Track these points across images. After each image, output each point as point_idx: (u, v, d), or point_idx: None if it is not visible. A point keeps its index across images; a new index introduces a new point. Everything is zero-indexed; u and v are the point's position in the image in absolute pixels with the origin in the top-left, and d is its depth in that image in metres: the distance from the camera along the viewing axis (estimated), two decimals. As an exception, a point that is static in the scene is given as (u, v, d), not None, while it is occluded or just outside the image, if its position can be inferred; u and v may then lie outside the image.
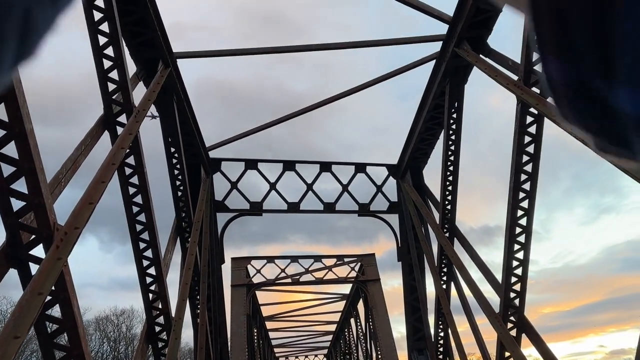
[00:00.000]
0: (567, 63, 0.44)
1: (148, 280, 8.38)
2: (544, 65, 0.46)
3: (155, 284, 8.49)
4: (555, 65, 0.44)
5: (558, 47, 0.44)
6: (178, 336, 8.78)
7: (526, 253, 9.08)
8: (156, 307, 8.63)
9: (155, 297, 8.56)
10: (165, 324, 8.75)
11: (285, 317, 27.89)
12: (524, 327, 9.20)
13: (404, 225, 14.27)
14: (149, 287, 8.42)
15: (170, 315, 8.74)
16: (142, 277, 8.31)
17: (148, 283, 8.39)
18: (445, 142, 11.20)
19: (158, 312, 8.66)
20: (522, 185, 8.78)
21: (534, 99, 7.87)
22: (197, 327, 10.55)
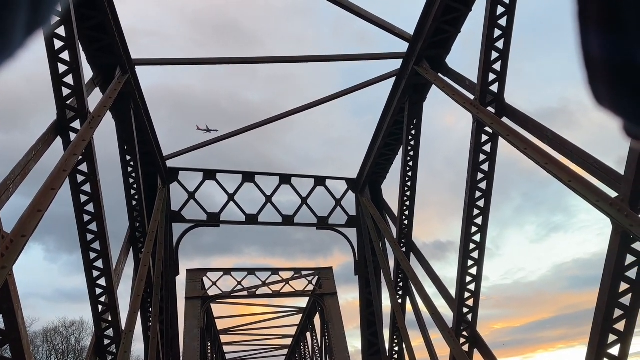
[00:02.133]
0: (614, 38, 0.40)
1: (98, 292, 8.14)
2: (583, 39, 0.42)
3: (105, 296, 8.25)
4: (597, 39, 0.41)
5: (603, 18, 0.40)
6: (128, 349, 8.55)
7: (479, 269, 9.24)
8: (105, 320, 8.39)
9: (105, 309, 8.32)
10: (115, 336, 8.52)
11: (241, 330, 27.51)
12: (476, 343, 9.33)
13: (362, 239, 14.34)
14: (99, 298, 8.17)
15: (120, 328, 8.50)
16: (91, 288, 8.07)
17: (98, 294, 8.14)
18: (404, 158, 11.35)
19: (107, 324, 8.42)
20: (477, 202, 8.95)
21: (489, 119, 8.07)
22: (148, 341, 10.29)
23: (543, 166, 6.84)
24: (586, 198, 6.21)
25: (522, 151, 7.26)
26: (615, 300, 6.14)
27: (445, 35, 9.50)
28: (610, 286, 6.04)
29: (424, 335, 11.19)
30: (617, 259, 5.94)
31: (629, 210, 5.65)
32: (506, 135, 7.66)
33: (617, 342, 6.29)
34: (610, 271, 6.03)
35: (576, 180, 6.43)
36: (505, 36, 8.01)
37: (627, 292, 6.14)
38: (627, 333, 6.25)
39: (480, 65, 8.26)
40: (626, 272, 6.06)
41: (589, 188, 6.26)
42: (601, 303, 6.16)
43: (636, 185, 5.66)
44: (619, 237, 5.86)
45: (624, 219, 5.67)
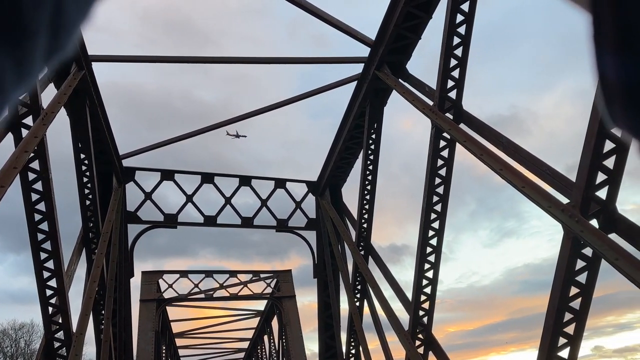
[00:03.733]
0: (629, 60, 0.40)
1: (48, 293, 7.89)
2: (600, 62, 0.42)
3: (56, 297, 8.00)
4: (612, 61, 0.41)
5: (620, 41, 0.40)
6: (79, 352, 8.31)
7: (435, 272, 9.37)
8: (56, 322, 8.14)
9: (56, 311, 8.07)
10: (66, 339, 8.27)
11: (197, 333, 27.13)
12: (431, 345, 9.45)
13: (321, 242, 14.34)
14: (49, 300, 7.92)
15: (71, 331, 8.26)
16: (41, 290, 7.81)
17: (48, 296, 7.89)
18: (364, 162, 11.42)
19: (58, 326, 8.17)
20: (434, 206, 9.08)
21: (447, 124, 8.20)
22: (100, 344, 10.03)
23: (498, 172, 6.99)
24: (538, 204, 6.38)
25: (479, 157, 7.40)
26: (565, 304, 6.32)
27: (406, 42, 9.61)
28: (561, 290, 6.21)
29: (380, 338, 11.27)
30: (567, 264, 6.11)
31: (579, 216, 5.83)
32: (463, 141, 7.80)
33: (567, 345, 6.46)
34: (561, 276, 6.20)
35: (529, 186, 6.59)
36: (464, 44, 8.17)
37: (577, 297, 6.33)
38: (576, 336, 6.44)
39: (439, 72, 8.40)
40: (576, 276, 6.25)
41: (542, 194, 6.42)
42: (552, 307, 6.32)
43: (587, 192, 5.84)
44: (570, 243, 6.04)
45: (575, 225, 5.84)
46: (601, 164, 5.78)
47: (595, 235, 5.70)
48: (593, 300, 6.40)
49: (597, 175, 5.83)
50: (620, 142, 5.68)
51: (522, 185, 6.64)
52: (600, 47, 0.41)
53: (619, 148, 5.72)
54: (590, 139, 5.70)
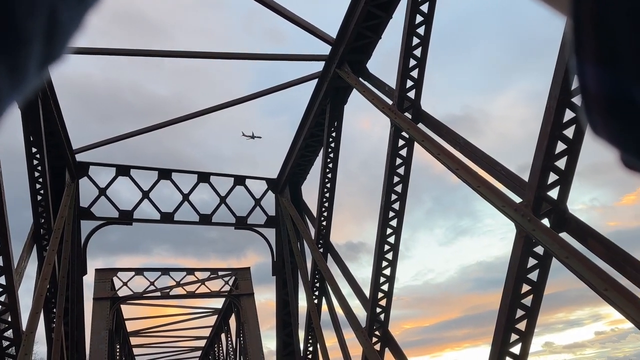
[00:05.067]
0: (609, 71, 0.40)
1: (-5, 291, 7.61)
2: (580, 73, 0.42)
3: (5, 295, 7.73)
4: (594, 72, 0.41)
5: (600, 53, 0.40)
6: (29, 352, 8.04)
7: (393, 270, 9.47)
8: (5, 320, 7.88)
9: (5, 309, 7.81)
10: (15, 338, 8.01)
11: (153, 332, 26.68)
12: (387, 342, 9.55)
13: (280, 239, 14.31)
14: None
15: (20, 329, 8.00)
16: (-12, 288, 7.53)
17: (-5, 294, 7.61)
18: (324, 160, 11.44)
19: (7, 325, 7.91)
20: (392, 204, 9.17)
21: (405, 124, 8.29)
22: (51, 343, 9.73)
23: (454, 171, 7.10)
24: (493, 203, 6.52)
25: (436, 156, 7.51)
26: (517, 301, 6.48)
27: (366, 41, 9.67)
28: (513, 288, 6.36)
29: (338, 335, 11.31)
30: (519, 262, 6.27)
31: (531, 216, 5.99)
32: (421, 140, 7.90)
33: (519, 342, 6.63)
34: (514, 273, 6.35)
35: (484, 185, 6.72)
36: (423, 45, 8.28)
37: (528, 294, 6.50)
38: (527, 333, 6.61)
39: (398, 72, 8.48)
40: (528, 274, 6.41)
41: (496, 193, 6.57)
42: (504, 304, 6.47)
43: (539, 191, 6.00)
44: (522, 241, 6.19)
45: (527, 224, 5.99)
46: (553, 164, 5.95)
47: (546, 234, 5.86)
48: (544, 298, 6.58)
49: (549, 176, 6.00)
50: (572, 144, 5.86)
51: (477, 185, 6.78)
52: (581, 57, 0.41)
53: (570, 149, 5.90)
54: (543, 140, 5.86)
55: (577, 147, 5.86)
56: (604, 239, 5.86)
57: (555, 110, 5.66)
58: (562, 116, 5.73)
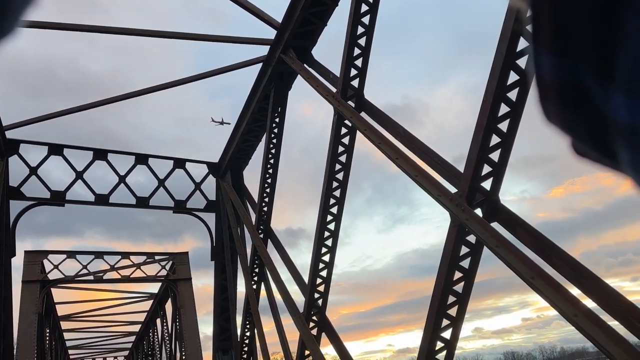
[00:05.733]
0: (563, 60, 0.41)
1: None
2: (536, 59, 0.42)
3: None
4: (549, 60, 0.41)
5: (556, 41, 0.41)
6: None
7: (332, 256, 9.58)
8: None
9: None
10: None
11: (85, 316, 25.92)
12: (324, 327, 9.68)
13: (220, 224, 14.17)
14: None
15: (-62, 314, 7.58)
16: None
17: None
18: (267, 146, 11.38)
19: None
20: (334, 191, 9.24)
21: (349, 112, 8.36)
22: (-27, 328, 9.29)
23: (394, 160, 7.24)
24: (429, 192, 6.69)
25: (377, 145, 7.62)
26: (449, 288, 6.70)
27: (312, 27, 9.65)
28: (446, 275, 6.57)
29: (275, 320, 11.36)
30: (453, 250, 6.47)
31: (465, 205, 6.19)
32: (363, 129, 7.99)
33: (450, 327, 6.87)
34: (447, 261, 6.56)
35: (422, 175, 6.89)
36: (368, 34, 8.34)
37: (460, 281, 6.73)
38: (458, 318, 6.85)
39: (343, 60, 8.52)
40: (460, 262, 6.63)
41: (433, 183, 6.74)
42: (437, 290, 6.68)
43: (473, 182, 6.21)
44: (456, 230, 6.39)
45: (461, 213, 6.19)
46: (487, 156, 6.15)
47: (479, 224, 6.08)
48: (475, 285, 6.84)
49: (483, 167, 6.21)
50: (506, 137, 6.08)
51: (415, 174, 6.93)
52: (538, 45, 0.42)
53: (504, 142, 6.13)
54: (479, 132, 6.05)
55: (510, 140, 6.09)
56: (532, 230, 6.13)
57: (491, 104, 5.86)
58: (497, 110, 5.93)
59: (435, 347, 6.74)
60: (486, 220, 6.25)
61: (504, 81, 5.81)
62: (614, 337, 4.84)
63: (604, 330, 4.91)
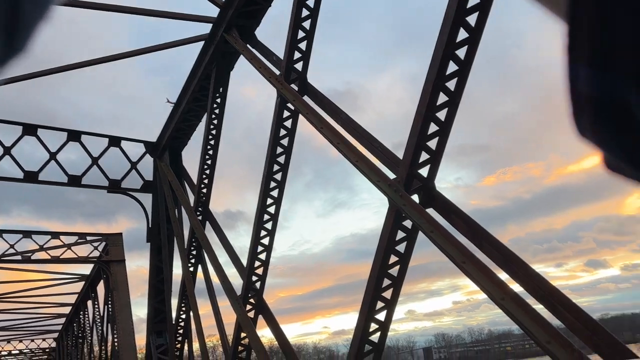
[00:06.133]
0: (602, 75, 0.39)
1: None
2: (572, 74, 0.41)
3: None
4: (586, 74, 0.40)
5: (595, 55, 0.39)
6: None
7: (271, 239, 9.59)
8: None
9: None
10: None
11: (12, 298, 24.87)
12: (262, 309, 9.71)
13: (157, 205, 13.87)
14: None
15: None
16: None
17: None
18: (207, 126, 11.19)
19: None
20: (274, 175, 9.23)
21: (292, 95, 8.33)
22: None
23: (335, 145, 7.29)
24: (369, 178, 6.80)
25: (319, 129, 7.65)
26: (385, 271, 6.86)
27: (256, 7, 9.52)
28: (382, 258, 6.72)
29: (212, 303, 11.30)
30: (389, 234, 6.62)
31: (403, 191, 6.33)
32: (306, 113, 7.99)
33: (384, 309, 7.05)
34: (384, 245, 6.70)
35: (362, 160, 6.99)
36: (312, 17, 8.31)
37: (395, 264, 6.90)
38: (392, 301, 7.04)
39: (287, 43, 8.46)
40: (396, 246, 6.80)
41: (372, 169, 6.85)
42: (373, 273, 6.83)
43: (411, 168, 6.35)
44: (393, 215, 6.54)
45: (398, 199, 6.33)
46: (425, 144, 6.31)
47: (415, 209, 6.24)
48: (409, 269, 7.04)
49: (421, 155, 6.36)
50: (443, 126, 6.25)
51: (356, 160, 7.02)
52: (574, 58, 0.41)
53: (442, 131, 6.29)
54: (418, 120, 6.19)
55: (447, 128, 6.26)
56: (465, 216, 6.35)
57: (430, 93, 5.99)
58: (436, 99, 6.08)
59: (369, 328, 6.91)
60: (422, 206, 6.42)
61: (444, 71, 5.95)
62: (538, 320, 5.12)
63: (528, 313, 5.18)
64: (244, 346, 9.76)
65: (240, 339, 9.70)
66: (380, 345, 7.06)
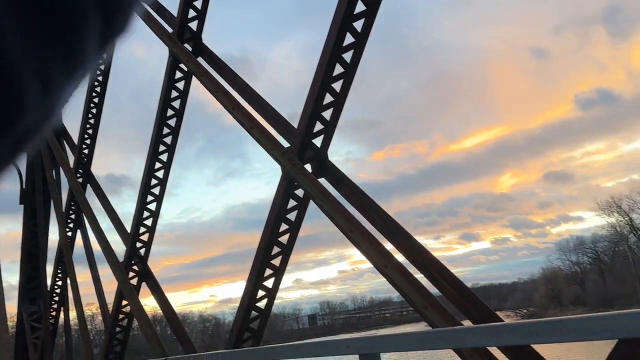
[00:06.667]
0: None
1: None
2: None
3: None
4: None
5: None
6: None
7: (158, 205, 9.28)
8: None
9: None
10: None
11: None
12: (145, 276, 9.42)
13: (32, 165, 12.86)
14: None
15: None
16: None
17: None
18: (91, 84, 10.50)
19: None
20: (164, 138, 8.88)
21: (185, 55, 8.00)
22: None
23: (230, 111, 7.14)
24: (263, 145, 6.75)
25: (213, 93, 7.44)
26: (275, 239, 6.90)
27: (150, -41, 8.97)
28: (273, 226, 6.74)
29: (92, 270, 10.78)
30: (281, 202, 6.65)
31: (296, 160, 6.36)
32: (200, 75, 7.73)
33: (272, 276, 7.11)
34: (275, 213, 6.72)
35: (257, 128, 6.91)
36: (211, -24, 7.99)
37: (285, 232, 6.96)
38: (281, 268, 7.11)
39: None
40: (287, 214, 6.85)
41: (267, 137, 6.80)
42: (264, 240, 6.84)
43: (304, 138, 6.38)
44: (286, 183, 6.56)
45: (291, 167, 6.35)
46: (320, 114, 6.36)
47: (307, 178, 6.31)
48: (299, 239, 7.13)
49: (316, 124, 6.41)
50: (338, 97, 6.32)
51: (250, 126, 6.93)
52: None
53: (336, 102, 6.36)
54: (314, 90, 6.20)
55: (342, 100, 6.35)
56: (355, 187, 6.51)
57: (327, 64, 6.01)
58: (332, 70, 6.12)
59: (257, 295, 6.94)
60: (315, 175, 6.49)
61: (341, 42, 5.98)
62: (417, 287, 5.41)
63: (409, 281, 5.46)
64: (125, 314, 9.45)
65: (121, 306, 9.37)
66: (266, 311, 7.13)
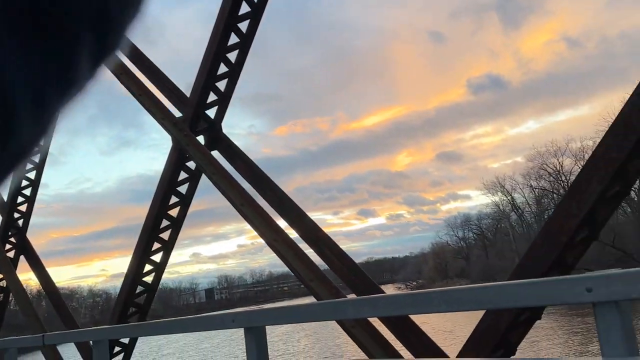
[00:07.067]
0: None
1: None
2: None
3: None
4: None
5: None
6: None
7: (38, 174, 8.67)
8: None
9: None
10: None
11: None
12: (24, 249, 8.82)
13: None
14: None
15: None
16: None
17: None
18: None
19: None
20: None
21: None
22: None
23: (118, 76, 6.77)
24: (153, 114, 6.48)
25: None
26: (164, 212, 6.70)
27: None
28: (162, 199, 6.54)
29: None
30: (171, 174, 6.45)
31: (187, 131, 6.17)
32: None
33: (161, 250, 6.91)
34: (164, 185, 6.52)
35: (146, 95, 6.61)
36: None
37: (175, 205, 6.78)
38: (170, 242, 6.94)
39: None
40: (178, 187, 6.66)
41: (157, 105, 6.54)
42: (152, 213, 6.63)
43: (197, 108, 6.20)
44: (177, 154, 6.37)
45: (182, 138, 6.16)
46: (214, 85, 6.20)
47: (199, 150, 6.15)
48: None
49: (209, 95, 6.24)
50: (233, 67, 6.18)
51: (139, 93, 6.62)
52: None
53: (231, 73, 6.22)
54: (207, 59, 6.02)
55: (237, 71, 6.22)
56: (249, 161, 6.45)
57: (221, 32, 5.85)
58: (227, 39, 5.96)
59: (143, 269, 6.73)
60: (208, 148, 6.35)
61: (236, 11, 5.83)
62: (305, 261, 5.49)
63: (297, 256, 5.52)
64: (0, 288, 8.81)
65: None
66: (153, 286, 6.94)
